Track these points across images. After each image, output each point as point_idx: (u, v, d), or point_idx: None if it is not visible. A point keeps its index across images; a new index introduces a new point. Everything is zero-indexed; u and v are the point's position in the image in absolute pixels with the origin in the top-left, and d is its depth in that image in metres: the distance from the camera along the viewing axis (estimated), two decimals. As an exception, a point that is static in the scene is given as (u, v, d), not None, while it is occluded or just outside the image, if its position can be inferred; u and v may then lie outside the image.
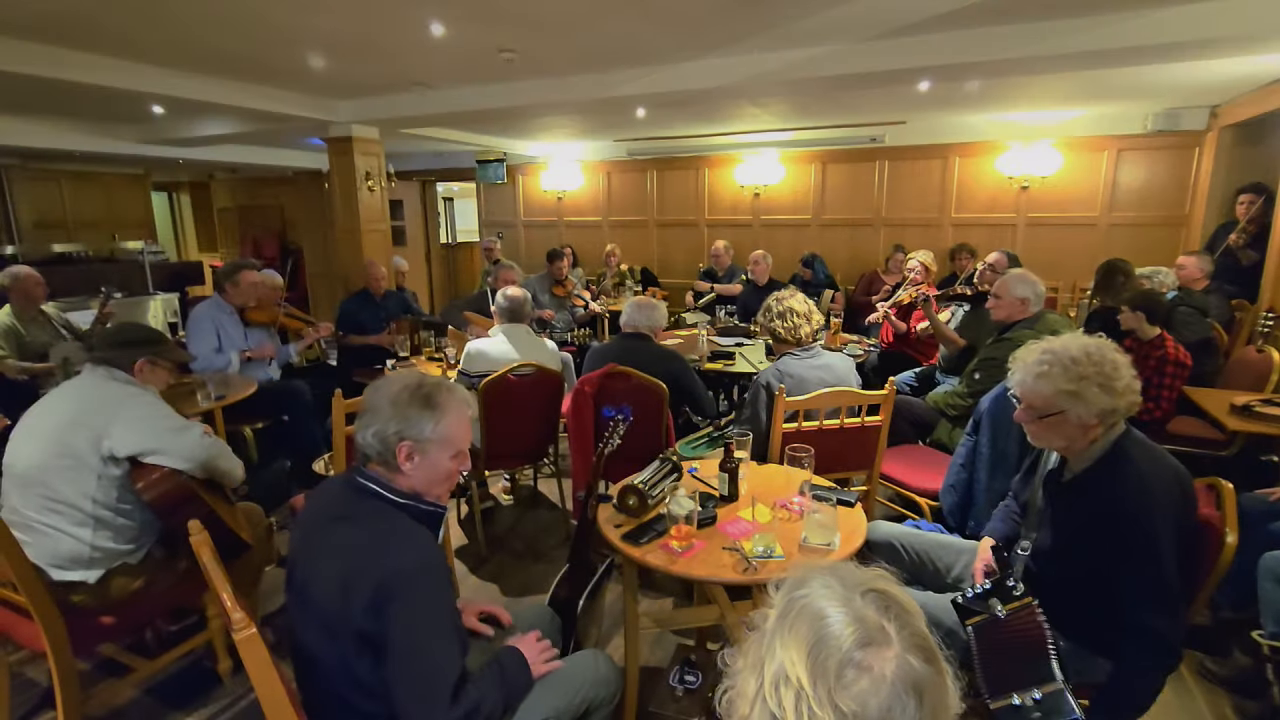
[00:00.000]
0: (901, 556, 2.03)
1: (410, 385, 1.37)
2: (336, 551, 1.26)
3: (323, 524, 1.34)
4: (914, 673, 0.68)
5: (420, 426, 1.34)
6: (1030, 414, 1.62)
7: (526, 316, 3.31)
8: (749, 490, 2.06)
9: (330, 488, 1.44)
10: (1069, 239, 6.10)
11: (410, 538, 1.29)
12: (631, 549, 1.74)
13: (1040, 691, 1.43)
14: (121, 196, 8.41)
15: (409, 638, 1.20)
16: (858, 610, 0.71)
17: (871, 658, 0.68)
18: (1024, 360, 1.64)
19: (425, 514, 1.39)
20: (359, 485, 1.36)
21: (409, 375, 1.41)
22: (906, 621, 0.72)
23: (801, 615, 0.72)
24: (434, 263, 9.86)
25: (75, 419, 1.93)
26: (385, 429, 1.33)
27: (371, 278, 4.90)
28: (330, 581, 1.24)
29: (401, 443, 1.33)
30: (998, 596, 1.60)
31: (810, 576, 0.77)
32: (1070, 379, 1.52)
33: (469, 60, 4.17)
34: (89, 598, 1.97)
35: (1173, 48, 3.46)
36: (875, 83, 4.24)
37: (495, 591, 2.89)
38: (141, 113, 5.48)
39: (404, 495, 1.36)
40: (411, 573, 1.23)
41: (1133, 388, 1.54)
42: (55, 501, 1.90)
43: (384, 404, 1.34)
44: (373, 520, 1.31)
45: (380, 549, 1.24)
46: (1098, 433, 1.56)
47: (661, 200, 7.86)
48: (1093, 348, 1.56)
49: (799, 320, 2.56)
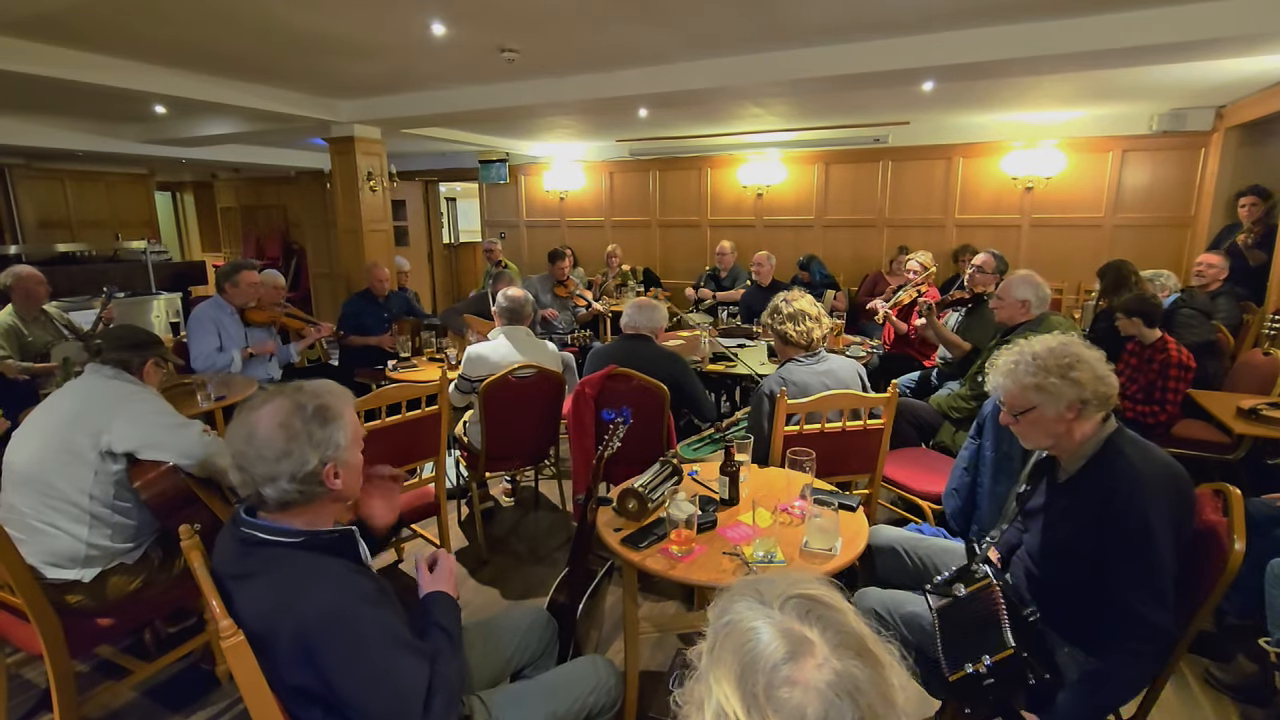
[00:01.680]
0: (904, 561, 2.01)
1: (296, 409, 1.21)
2: (244, 615, 1.14)
3: (228, 583, 1.20)
4: (844, 674, 0.66)
5: (332, 440, 1.22)
6: (1009, 413, 1.66)
7: (527, 318, 3.29)
8: (750, 494, 2.04)
9: (225, 539, 1.28)
10: (1074, 240, 6.06)
11: (316, 577, 1.17)
12: (631, 553, 1.73)
13: (991, 658, 1.43)
14: (125, 196, 8.42)
15: (358, 672, 1.12)
16: (779, 624, 0.69)
17: (798, 671, 0.66)
18: (997, 364, 1.70)
19: (329, 542, 1.24)
20: (244, 536, 1.21)
21: (277, 403, 1.22)
22: (831, 621, 0.70)
23: (727, 643, 0.70)
24: (436, 263, 9.87)
25: (76, 416, 1.93)
26: (303, 466, 1.18)
27: (374, 279, 4.90)
28: (251, 645, 1.13)
29: (326, 465, 1.21)
30: (961, 580, 1.65)
31: (733, 600, 0.75)
32: (1032, 373, 1.58)
33: (471, 60, 4.16)
34: (85, 598, 1.96)
35: (1179, 47, 3.44)
36: (880, 83, 4.22)
37: (495, 595, 2.88)
38: (145, 112, 5.50)
39: (300, 532, 1.22)
40: (331, 614, 1.12)
41: (1104, 379, 1.56)
42: (53, 498, 1.90)
43: (276, 443, 1.17)
44: (269, 573, 1.18)
45: (286, 602, 1.13)
46: (1085, 429, 1.58)
47: (664, 201, 7.84)
48: (1055, 343, 1.61)
49: (811, 324, 2.48)
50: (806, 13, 3.37)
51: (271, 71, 4.47)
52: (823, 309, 2.54)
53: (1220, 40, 3.33)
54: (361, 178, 5.77)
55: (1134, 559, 1.46)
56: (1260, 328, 4.12)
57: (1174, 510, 1.50)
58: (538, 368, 3.09)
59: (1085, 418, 1.56)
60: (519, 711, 1.44)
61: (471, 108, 5.00)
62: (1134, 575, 1.46)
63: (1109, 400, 1.55)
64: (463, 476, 3.38)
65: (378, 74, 4.55)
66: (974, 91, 4.91)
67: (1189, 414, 3.34)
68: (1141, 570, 1.45)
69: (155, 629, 2.45)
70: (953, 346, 3.78)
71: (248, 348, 3.80)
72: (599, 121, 6.31)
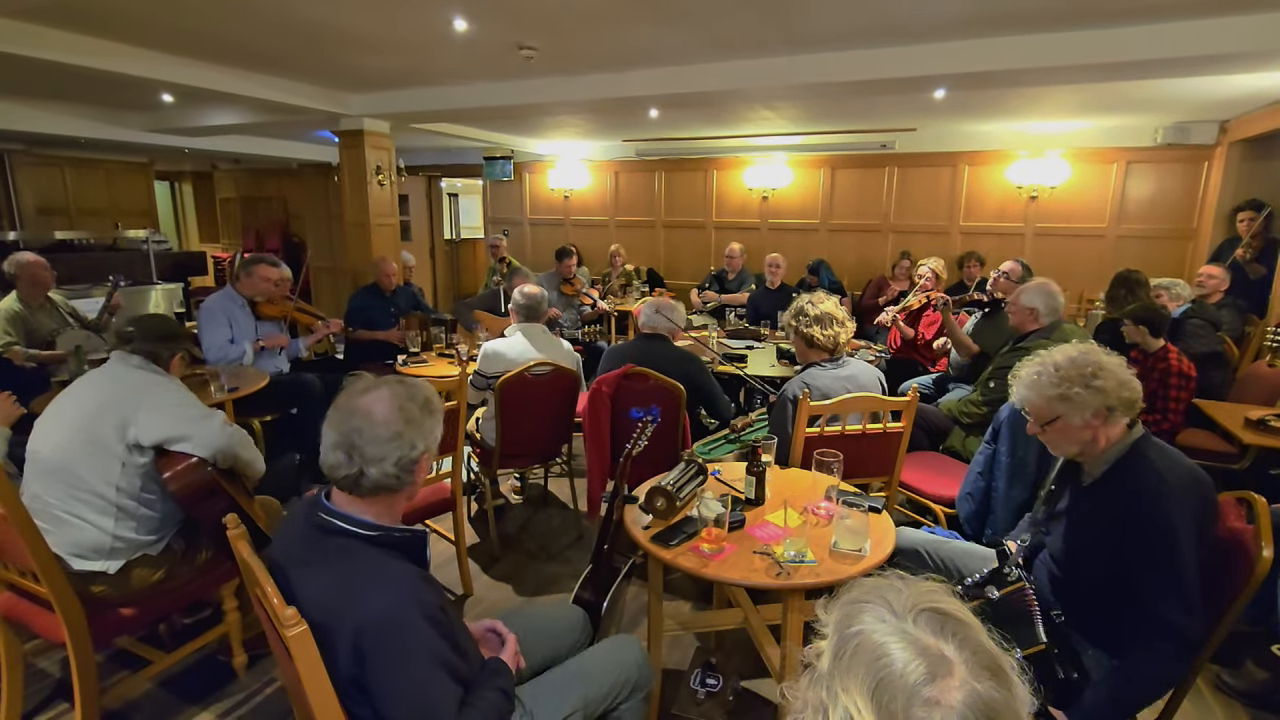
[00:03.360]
0: (927, 563, 2.03)
1: (404, 394, 1.26)
2: (308, 602, 1.14)
3: (291, 569, 1.22)
4: (982, 696, 0.66)
5: (434, 433, 1.28)
6: (1036, 424, 1.69)
7: (544, 315, 3.30)
8: (773, 494, 2.06)
9: (294, 523, 1.30)
10: (1077, 250, 6.12)
11: (383, 577, 1.18)
12: (662, 551, 1.74)
13: (1022, 652, 1.45)
14: (124, 185, 8.36)
15: (396, 683, 1.13)
16: (914, 639, 0.69)
17: (938, 691, 0.66)
18: (1020, 375, 1.73)
19: (400, 542, 1.26)
20: (322, 523, 1.23)
21: (391, 389, 1.27)
22: (967, 638, 0.70)
23: (858, 656, 0.69)
24: (438, 259, 9.84)
25: (104, 406, 1.92)
26: (409, 451, 1.22)
27: (382, 273, 4.88)
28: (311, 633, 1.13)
29: (424, 455, 1.26)
30: (994, 583, 1.66)
31: (860, 609, 0.74)
32: (1055, 384, 1.60)
33: (488, 57, 4.16)
34: (109, 589, 1.95)
35: (1189, 61, 3.49)
36: (893, 89, 4.25)
37: (509, 591, 2.88)
38: (151, 101, 5.45)
39: (376, 527, 1.23)
40: (388, 619, 1.12)
41: (1127, 385, 1.58)
42: (79, 490, 1.89)
43: (393, 424, 1.21)
44: (341, 564, 1.19)
45: (352, 597, 1.14)
46: (1110, 435, 1.60)
47: (669, 201, 7.85)
48: (1075, 353, 1.64)
49: (838, 328, 2.47)
50: (824, 18, 3.39)
51: (284, 63, 4.45)
52: (846, 312, 2.55)
53: (1231, 56, 3.39)
54: (370, 171, 5.75)
55: (1157, 562, 1.48)
56: (1262, 340, 4.18)
57: (1198, 515, 1.51)
58: (554, 365, 3.09)
59: (1111, 423, 1.59)
60: (550, 700, 1.43)
61: (484, 104, 5.00)
62: (1157, 578, 1.47)
63: (1134, 405, 1.58)
64: (473, 473, 3.38)
65: (392, 68, 4.54)
66: (982, 100, 4.95)
67: (1194, 423, 3.38)
68: (1165, 574, 1.47)
69: (170, 620, 2.44)
70: (961, 347, 3.81)
71: (259, 340, 3.77)
72: (608, 121, 6.32)
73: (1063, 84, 4.25)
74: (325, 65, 4.48)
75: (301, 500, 1.34)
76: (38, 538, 1.76)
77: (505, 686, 1.32)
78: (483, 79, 4.82)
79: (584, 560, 3.14)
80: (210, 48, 4.10)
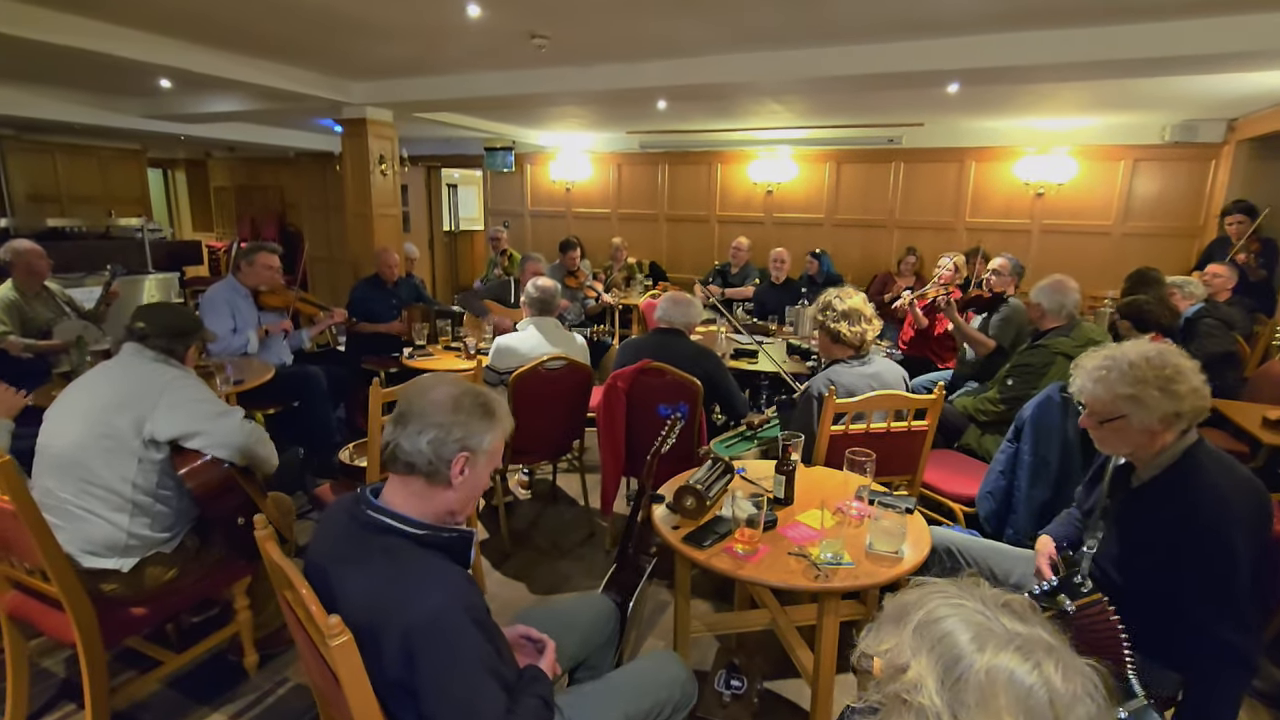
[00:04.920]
0: (960, 563, 1.99)
1: (469, 391, 1.27)
2: (353, 602, 1.12)
3: (333, 567, 1.19)
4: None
5: (480, 437, 1.24)
6: (1093, 419, 1.61)
7: (557, 309, 3.25)
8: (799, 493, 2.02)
9: (336, 520, 1.27)
10: (1083, 247, 6.11)
11: (432, 578, 1.15)
12: (696, 552, 1.69)
13: (1125, 710, 1.40)
14: (117, 172, 8.20)
15: (444, 687, 1.10)
16: (1050, 680, 0.68)
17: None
18: (1084, 365, 1.64)
19: (448, 542, 1.23)
20: (368, 520, 1.20)
21: (456, 381, 1.30)
22: (1065, 661, 0.70)
23: (987, 689, 0.67)
24: (437, 250, 9.75)
25: (120, 400, 1.86)
26: (446, 436, 1.20)
27: (384, 264, 4.80)
28: (354, 634, 1.09)
29: (461, 453, 1.21)
30: (1065, 593, 1.60)
31: (948, 632, 0.73)
32: (1128, 382, 1.52)
33: (499, 46, 4.08)
34: (121, 587, 1.89)
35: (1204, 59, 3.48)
36: (908, 83, 4.21)
37: (523, 590, 2.83)
38: (148, 86, 5.33)
39: (423, 525, 1.21)
40: (438, 621, 1.10)
41: (1200, 393, 1.51)
42: (94, 485, 1.83)
43: (442, 409, 1.21)
44: (388, 563, 1.16)
45: (401, 598, 1.11)
46: (1166, 439, 1.54)
47: (672, 194, 7.79)
48: (1153, 352, 1.55)
49: (865, 325, 2.42)
50: (843, 10, 3.34)
51: (288, 49, 4.35)
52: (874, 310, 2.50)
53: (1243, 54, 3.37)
54: (373, 161, 5.65)
55: (1216, 584, 1.43)
56: (1270, 338, 4.18)
57: (1254, 528, 1.48)
58: (568, 359, 3.04)
59: (1172, 430, 1.52)
60: (591, 713, 1.40)
61: (490, 94, 4.91)
62: (1215, 599, 1.43)
63: (1201, 415, 1.51)
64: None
65: (398, 56, 4.44)
66: (991, 96, 4.92)
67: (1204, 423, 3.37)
68: (1222, 592, 1.42)
69: (178, 619, 2.38)
70: (976, 343, 3.79)
71: (263, 326, 3.70)
72: (613, 112, 6.24)
73: (1076, 81, 4.22)
74: (330, 51, 4.38)
75: (342, 498, 1.30)
76: (48, 534, 1.70)
77: (545, 695, 1.28)
78: (491, 69, 4.73)
79: (598, 557, 3.10)
80: (211, 31, 3.99)
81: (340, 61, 4.68)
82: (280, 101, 5.29)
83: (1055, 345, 3.06)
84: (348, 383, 4.16)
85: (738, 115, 6.09)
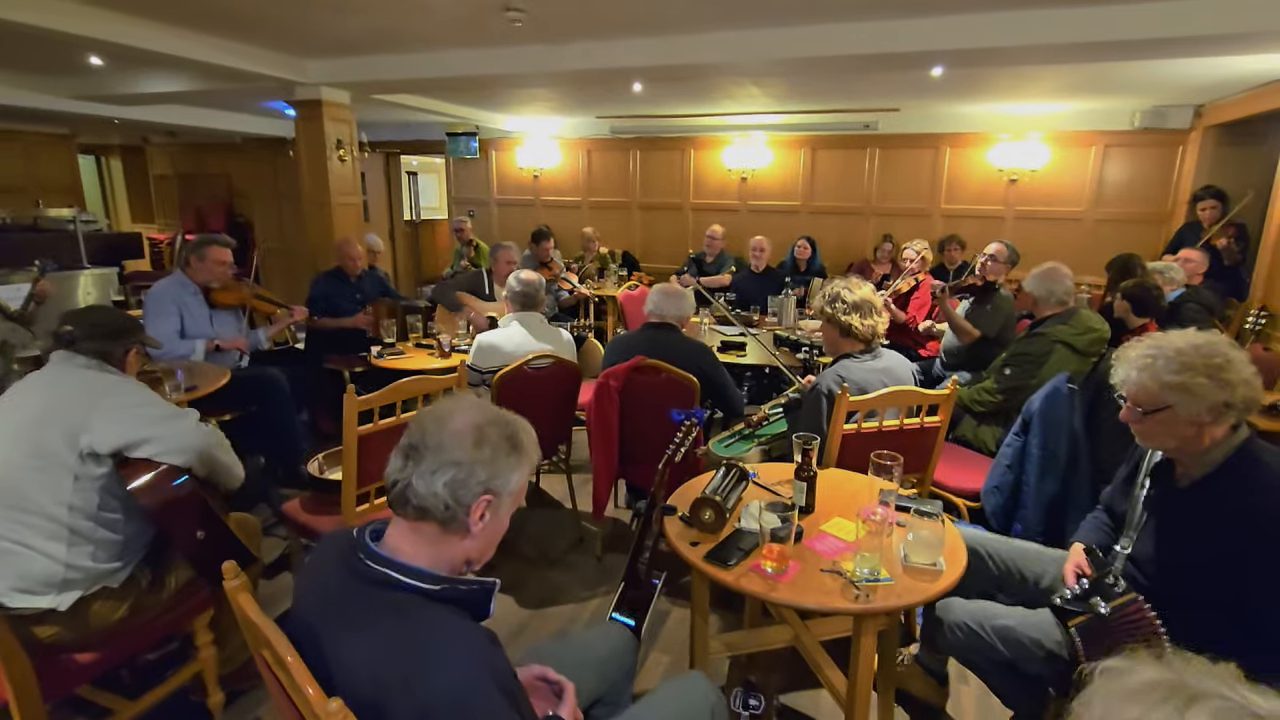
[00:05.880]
0: (987, 565, 1.89)
1: (495, 420, 1.06)
2: (353, 674, 0.93)
3: (327, 630, 0.99)
4: None
5: (506, 477, 1.05)
6: (1136, 411, 1.52)
7: (540, 303, 3.05)
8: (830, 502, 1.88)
9: (326, 570, 1.05)
10: (1056, 233, 6.15)
11: (451, 643, 0.95)
12: (723, 573, 1.54)
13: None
14: (44, 158, 7.64)
15: None
16: None
17: None
18: (1127, 356, 1.56)
19: (466, 596, 1.03)
20: (370, 574, 1.00)
21: (478, 405, 1.09)
22: None
23: None
24: (398, 240, 9.36)
25: (47, 414, 1.61)
26: (467, 477, 1.01)
27: (346, 256, 4.49)
28: (355, 714, 0.90)
29: (484, 496, 1.02)
30: (1099, 595, 1.53)
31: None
32: (1175, 370, 1.44)
33: (469, 20, 3.81)
34: (62, 630, 1.65)
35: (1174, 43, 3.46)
36: (893, 65, 4.10)
37: (511, 604, 2.65)
38: (76, 63, 4.88)
39: (438, 579, 1.00)
40: (462, 698, 0.91)
41: (1251, 383, 1.44)
42: (24, 512, 1.58)
43: (463, 444, 1.02)
44: (395, 624, 0.96)
45: (414, 669, 0.91)
46: (1216, 434, 1.46)
47: (645, 182, 7.59)
48: (1200, 340, 1.48)
49: (877, 318, 2.30)
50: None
51: (235, 22, 4.00)
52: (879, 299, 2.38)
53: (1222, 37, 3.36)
54: (330, 146, 5.31)
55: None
56: (1242, 323, 4.24)
57: None
58: (555, 357, 2.85)
59: (1220, 422, 1.45)
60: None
61: (458, 74, 4.63)
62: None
63: (1252, 406, 1.44)
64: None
65: (358, 31, 4.13)
66: (970, 80, 4.86)
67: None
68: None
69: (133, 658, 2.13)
70: (962, 332, 3.74)
71: (214, 339, 3.38)
72: (585, 95, 6.00)
73: (1061, 63, 4.18)
74: (283, 26, 4.04)
75: (333, 539, 1.08)
76: (-32, 578, 1.45)
77: None
78: (459, 46, 4.45)
79: (589, 565, 2.94)
80: (149, 2, 3.63)
81: (293, 37, 4.34)
82: (227, 81, 4.90)
83: (1054, 333, 3.01)
84: (310, 384, 3.87)
85: (713, 99, 5.92)
